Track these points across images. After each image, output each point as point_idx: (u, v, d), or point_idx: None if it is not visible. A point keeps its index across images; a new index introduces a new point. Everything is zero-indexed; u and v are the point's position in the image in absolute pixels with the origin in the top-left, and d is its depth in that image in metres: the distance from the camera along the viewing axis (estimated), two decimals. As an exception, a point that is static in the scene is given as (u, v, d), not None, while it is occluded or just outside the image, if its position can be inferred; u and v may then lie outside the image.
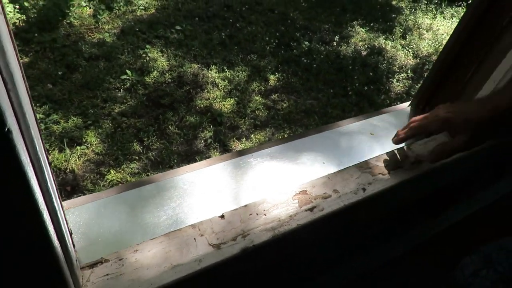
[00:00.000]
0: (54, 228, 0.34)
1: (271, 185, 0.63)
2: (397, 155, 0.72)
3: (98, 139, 2.32)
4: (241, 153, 0.68)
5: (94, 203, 0.55)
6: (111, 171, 2.17)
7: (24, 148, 0.26)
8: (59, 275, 0.38)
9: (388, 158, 0.71)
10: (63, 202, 0.53)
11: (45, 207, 0.31)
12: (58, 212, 0.35)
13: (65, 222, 0.40)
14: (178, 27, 3.32)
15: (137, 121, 2.49)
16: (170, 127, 2.51)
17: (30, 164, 0.27)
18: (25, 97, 0.27)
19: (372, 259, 1.06)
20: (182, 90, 2.79)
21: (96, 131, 2.36)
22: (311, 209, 0.57)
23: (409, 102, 0.90)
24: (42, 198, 0.30)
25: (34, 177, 0.28)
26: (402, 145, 0.72)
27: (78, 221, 0.52)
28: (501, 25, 0.71)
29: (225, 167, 0.64)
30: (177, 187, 0.59)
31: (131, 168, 2.22)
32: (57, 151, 2.19)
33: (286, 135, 2.64)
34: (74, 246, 0.47)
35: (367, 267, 1.06)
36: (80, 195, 2.02)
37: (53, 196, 0.33)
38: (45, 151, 0.32)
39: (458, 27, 0.76)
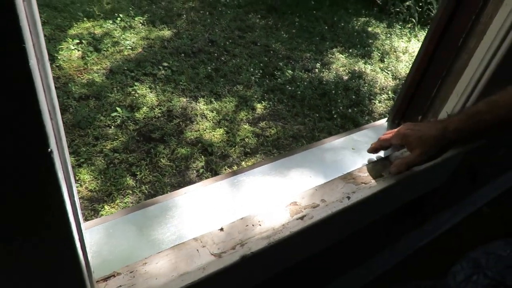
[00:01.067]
0: (80, 242, 0.39)
1: (264, 199, 0.69)
2: (379, 165, 0.79)
3: (91, 176, 2.35)
4: (235, 173, 0.74)
5: (103, 225, 0.60)
6: (105, 206, 2.19)
7: (61, 166, 0.32)
8: (82, 287, 0.42)
9: (370, 168, 0.77)
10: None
11: (74, 221, 0.36)
12: (82, 228, 0.40)
13: (85, 238, 0.45)
14: (165, 64, 3.43)
15: (129, 156, 2.53)
16: (162, 160, 2.56)
17: (64, 180, 0.33)
18: (61, 126, 0.33)
19: (364, 270, 1.10)
20: (172, 124, 2.86)
21: (88, 169, 2.39)
22: (301, 218, 0.62)
23: (386, 118, 0.98)
24: (72, 212, 0.36)
25: (67, 192, 0.34)
26: (379, 154, 0.80)
27: (90, 242, 0.57)
28: (457, 44, 0.80)
29: (221, 186, 0.70)
30: (177, 206, 0.65)
31: (125, 203, 2.24)
32: (51, 190, 2.21)
33: (276, 161, 2.71)
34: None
35: (359, 279, 1.10)
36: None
37: (78, 211, 0.39)
38: (71, 170, 0.38)
39: (421, 48, 0.85)
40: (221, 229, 0.58)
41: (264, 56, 3.93)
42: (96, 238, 0.57)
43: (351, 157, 0.83)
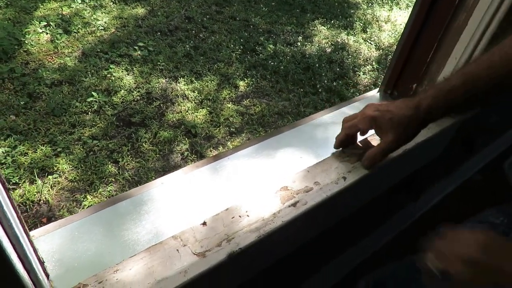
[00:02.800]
0: (19, 256, 0.31)
1: (251, 185, 0.62)
2: (370, 141, 0.72)
3: (71, 166, 2.24)
4: (217, 157, 0.67)
5: (67, 227, 0.52)
6: (88, 196, 2.10)
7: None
8: (34, 307, 0.35)
9: (361, 145, 0.71)
10: (35, 231, 0.50)
11: (4, 234, 0.28)
12: (22, 240, 0.32)
13: (32, 250, 0.37)
14: (140, 44, 3.27)
15: (109, 143, 2.43)
16: (144, 144, 2.46)
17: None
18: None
19: (360, 250, 1.06)
20: (152, 106, 2.74)
21: (67, 158, 2.28)
22: (294, 204, 0.56)
23: (377, 89, 0.91)
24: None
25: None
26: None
27: (50, 249, 0.49)
28: (454, 2, 0.72)
29: (202, 174, 0.63)
30: (153, 199, 0.57)
31: (108, 191, 2.15)
32: (27, 183, 2.10)
33: (262, 139, 2.64)
34: (48, 275, 0.44)
35: (355, 259, 1.06)
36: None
37: (13, 222, 0.31)
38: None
39: (414, 8, 0.78)
40: (204, 224, 0.51)
41: (244, 31, 3.79)
42: (58, 244, 0.50)
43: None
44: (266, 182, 0.63)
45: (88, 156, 2.31)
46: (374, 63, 3.77)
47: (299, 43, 3.79)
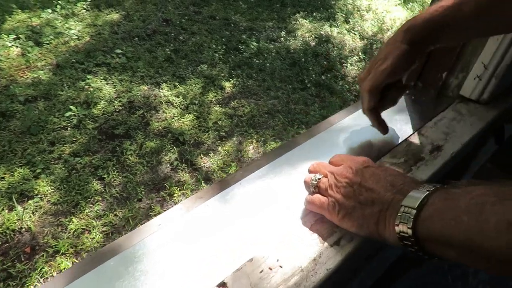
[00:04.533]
0: None
1: (273, 219, 0.50)
2: (410, 144, 0.61)
3: (52, 187, 2.08)
4: (224, 183, 0.54)
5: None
6: (73, 219, 1.94)
7: None
8: None
9: (403, 150, 0.59)
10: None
11: None
12: None
13: None
14: (118, 51, 3.11)
15: (93, 158, 2.27)
16: (130, 157, 2.31)
17: None
18: None
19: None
20: (135, 116, 2.59)
21: (48, 179, 2.12)
22: (337, 242, 0.44)
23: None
24: None
25: None
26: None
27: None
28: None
29: (208, 208, 0.50)
30: (150, 251, 0.44)
31: (96, 211, 2.00)
32: (6, 211, 1.94)
33: (254, 141, 2.52)
34: None
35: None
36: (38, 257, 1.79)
37: None
38: None
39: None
40: (223, 285, 0.39)
41: (225, 30, 3.66)
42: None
43: (374, 135, 0.65)
44: (292, 212, 0.51)
45: (70, 175, 2.15)
46: (360, 54, 3.69)
47: (282, 39, 3.68)
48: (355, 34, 3.98)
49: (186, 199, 0.54)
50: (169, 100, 2.76)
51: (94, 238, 1.89)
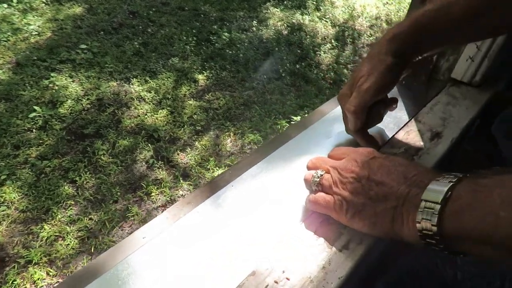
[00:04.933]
0: None
1: (271, 223, 0.45)
2: (409, 132, 0.57)
3: (20, 194, 1.96)
4: (214, 186, 0.49)
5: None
6: (45, 226, 1.83)
7: None
8: None
9: (400, 141, 0.56)
10: None
11: None
12: None
13: None
14: (83, 46, 2.95)
15: (62, 161, 2.15)
16: (102, 157, 2.20)
17: None
18: None
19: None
20: (105, 114, 2.47)
21: (14, 185, 1.99)
22: (346, 246, 0.39)
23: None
24: None
25: None
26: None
27: None
28: None
29: (199, 215, 0.45)
30: (136, 271, 0.38)
31: (69, 216, 1.90)
32: (-30, 221, 1.80)
33: (232, 134, 2.46)
34: None
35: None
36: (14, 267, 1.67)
37: None
38: None
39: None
40: None
41: (195, 21, 3.55)
42: None
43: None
44: (293, 214, 0.46)
45: (39, 180, 2.03)
46: (332, 41, 3.68)
47: (254, 28, 3.61)
48: (327, 22, 3.96)
49: (172, 206, 0.48)
50: (140, 95, 2.65)
51: (68, 244, 1.79)
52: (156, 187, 2.08)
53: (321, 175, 0.45)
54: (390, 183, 0.39)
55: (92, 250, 1.78)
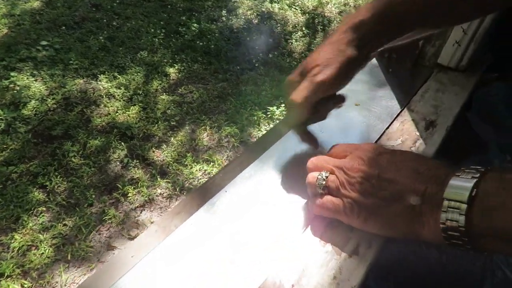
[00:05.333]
0: None
1: (274, 230, 0.41)
2: (403, 122, 0.55)
3: (-15, 203, 1.84)
4: (206, 192, 0.45)
5: None
6: (15, 236, 1.73)
7: None
8: None
9: (396, 132, 0.53)
10: None
11: None
12: None
13: None
14: (44, 43, 2.79)
15: (30, 165, 2.03)
16: (73, 159, 2.10)
17: None
18: None
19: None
20: (73, 113, 2.36)
21: (-21, 194, 1.86)
22: (355, 251, 0.37)
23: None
24: None
25: None
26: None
27: None
28: None
29: (192, 227, 0.41)
30: None
31: (41, 224, 1.80)
32: None
33: (208, 127, 2.41)
34: None
35: None
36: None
37: None
38: None
39: None
40: None
41: (162, 12, 3.43)
42: None
43: (362, 118, 0.58)
44: (295, 219, 0.43)
45: (6, 187, 1.91)
46: (303, 29, 3.66)
47: (224, 18, 3.53)
48: (297, 9, 3.93)
49: (161, 217, 0.44)
50: (109, 92, 2.54)
51: (43, 253, 1.70)
52: (132, 187, 2.01)
53: (327, 177, 0.41)
54: (403, 180, 0.36)
55: (69, 258, 1.70)
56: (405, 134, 0.54)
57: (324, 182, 0.41)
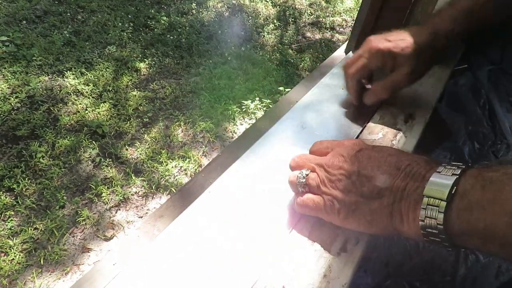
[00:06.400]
0: None
1: (260, 230, 0.41)
2: (383, 116, 0.56)
3: None
4: (189, 193, 0.44)
5: None
6: (-17, 243, 1.65)
7: None
8: None
9: (377, 126, 0.54)
10: None
11: None
12: None
13: None
14: (3, 38, 2.65)
15: (-5, 168, 1.93)
16: (41, 160, 2.01)
17: None
18: None
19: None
20: (39, 112, 2.26)
21: None
22: (344, 248, 0.37)
23: (344, 48, 0.74)
24: None
25: None
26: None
27: None
28: None
29: (175, 230, 0.39)
30: None
31: (10, 229, 1.72)
32: None
33: (182, 123, 2.37)
34: None
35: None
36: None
37: None
38: None
39: None
40: None
41: (129, 5, 3.33)
42: None
43: (343, 113, 0.58)
44: (282, 218, 0.42)
45: (-31, 192, 1.81)
46: (275, 21, 3.65)
47: (194, 11, 3.47)
48: (267, 2, 3.91)
49: (143, 222, 0.42)
50: (77, 89, 2.45)
51: (13, 259, 1.63)
52: (106, 187, 1.95)
53: (307, 175, 0.41)
54: (383, 176, 0.36)
55: (42, 262, 1.64)
56: (385, 127, 0.54)
57: (304, 180, 0.41)
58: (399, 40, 0.54)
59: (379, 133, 0.53)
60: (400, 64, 0.54)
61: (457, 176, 0.32)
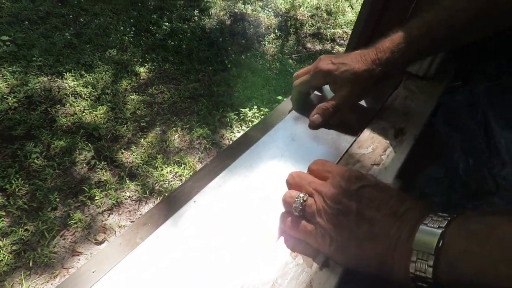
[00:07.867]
0: None
1: (244, 243, 0.40)
2: (374, 130, 0.56)
3: None
4: (174, 201, 0.43)
5: None
6: (-28, 243, 1.63)
7: None
8: None
9: (367, 140, 0.53)
10: None
11: None
12: None
13: None
14: (5, 38, 2.66)
15: (-12, 167, 1.92)
16: (36, 161, 2.00)
17: None
18: None
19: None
20: (37, 112, 2.25)
21: None
22: (326, 263, 0.36)
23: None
24: None
25: None
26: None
27: None
28: None
29: (158, 238, 0.39)
30: None
31: (0, 229, 1.71)
32: None
33: (179, 129, 2.37)
34: None
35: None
36: None
37: None
38: None
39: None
40: None
41: (132, 10, 3.35)
42: None
43: (334, 126, 0.58)
44: (267, 231, 0.42)
45: (-39, 191, 1.80)
46: (276, 31, 3.68)
47: (196, 18, 3.49)
48: (269, 11, 3.94)
49: (126, 229, 0.42)
50: (76, 91, 2.45)
51: (1, 260, 1.61)
52: (100, 190, 1.94)
53: (304, 200, 0.40)
54: (381, 221, 0.36)
55: (31, 264, 1.62)
56: (375, 142, 0.54)
57: (300, 206, 0.40)
58: (341, 64, 0.57)
59: (369, 147, 0.53)
60: (340, 86, 0.57)
61: (443, 229, 0.32)
